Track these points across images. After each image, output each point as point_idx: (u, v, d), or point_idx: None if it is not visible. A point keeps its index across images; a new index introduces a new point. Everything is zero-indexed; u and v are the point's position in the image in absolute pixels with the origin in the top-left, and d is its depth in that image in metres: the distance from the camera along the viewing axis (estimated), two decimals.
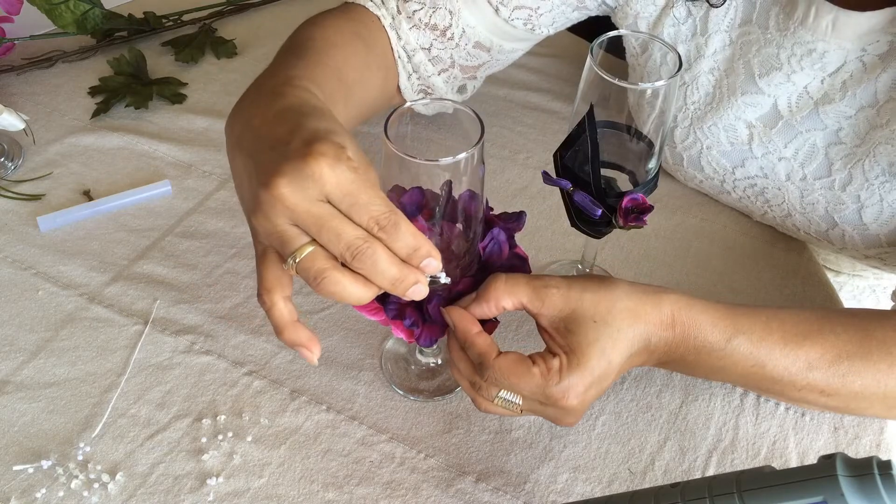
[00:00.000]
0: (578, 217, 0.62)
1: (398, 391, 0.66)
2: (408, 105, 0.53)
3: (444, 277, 0.52)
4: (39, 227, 0.77)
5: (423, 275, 0.49)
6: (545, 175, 0.62)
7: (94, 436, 0.62)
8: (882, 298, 0.94)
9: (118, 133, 0.87)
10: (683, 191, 0.84)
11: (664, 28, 0.75)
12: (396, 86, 0.76)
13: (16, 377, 0.66)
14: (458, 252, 0.55)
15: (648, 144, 0.59)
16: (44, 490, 0.59)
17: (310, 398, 0.65)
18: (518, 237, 0.58)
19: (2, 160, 0.83)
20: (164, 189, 0.81)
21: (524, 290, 0.54)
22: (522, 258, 0.58)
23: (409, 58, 0.74)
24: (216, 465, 0.61)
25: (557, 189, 0.62)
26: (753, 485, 0.46)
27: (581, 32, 0.86)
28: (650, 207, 0.59)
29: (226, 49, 0.99)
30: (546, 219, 0.81)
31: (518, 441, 0.63)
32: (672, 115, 0.64)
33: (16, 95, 0.91)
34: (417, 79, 0.76)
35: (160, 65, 0.97)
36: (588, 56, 0.57)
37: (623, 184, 0.61)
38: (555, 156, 0.62)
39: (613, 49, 0.61)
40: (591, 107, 0.57)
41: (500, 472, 0.62)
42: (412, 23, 0.73)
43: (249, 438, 0.63)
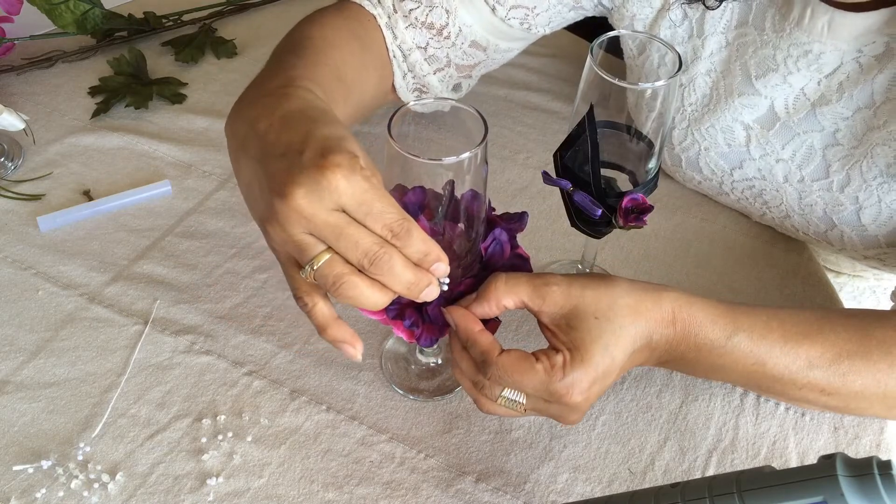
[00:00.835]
0: (578, 217, 0.62)
1: (398, 391, 0.66)
2: (410, 105, 0.53)
3: (444, 282, 0.52)
4: (39, 227, 0.77)
5: (435, 277, 0.50)
6: (545, 175, 0.62)
7: (94, 436, 0.62)
8: (882, 299, 0.94)
9: (118, 133, 0.87)
10: (683, 191, 0.84)
11: (660, 30, 0.75)
12: (391, 85, 0.76)
13: (16, 377, 0.66)
14: (461, 252, 0.55)
15: (648, 144, 0.59)
16: (44, 490, 0.59)
17: (310, 398, 0.65)
18: (518, 237, 0.58)
19: (2, 160, 0.83)
20: (164, 189, 0.81)
21: (525, 289, 0.54)
22: (524, 258, 0.58)
23: (405, 57, 0.74)
24: (216, 465, 0.61)
25: (557, 189, 0.62)
26: (753, 485, 0.46)
27: (581, 32, 0.87)
28: (650, 207, 0.59)
29: (226, 49, 0.99)
30: (546, 219, 0.81)
31: (518, 441, 0.63)
32: (671, 116, 0.64)
33: (16, 95, 0.91)
34: (413, 78, 0.76)
35: (160, 65, 0.97)
36: (588, 56, 0.57)
37: (623, 184, 0.61)
38: (555, 156, 0.62)
39: (613, 49, 0.61)
40: (591, 107, 0.57)
41: (500, 472, 0.62)
42: (408, 21, 0.73)
43: (249, 438, 0.63)
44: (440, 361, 0.68)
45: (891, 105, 0.66)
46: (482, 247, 0.56)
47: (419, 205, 0.53)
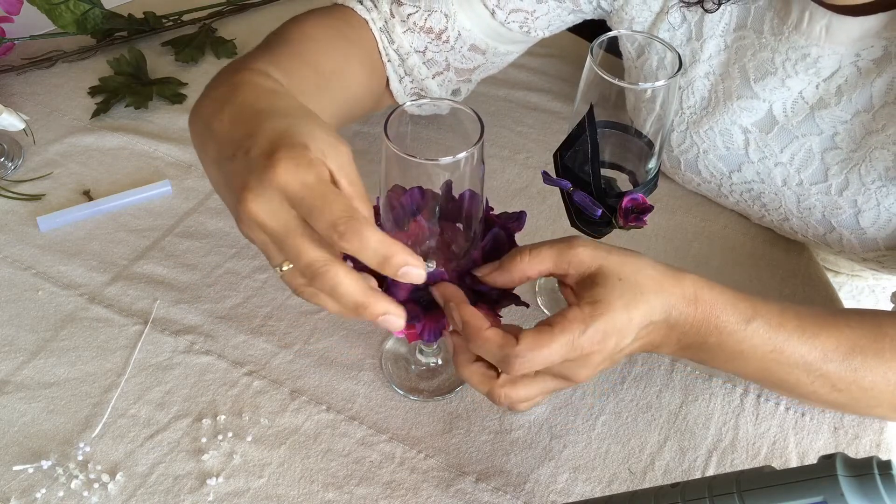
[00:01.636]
0: (578, 217, 0.62)
1: (398, 391, 0.66)
2: (407, 105, 0.53)
3: (430, 266, 0.51)
4: (39, 227, 0.77)
5: (393, 305, 0.46)
6: (545, 175, 0.62)
7: (94, 436, 0.62)
8: (881, 299, 0.94)
9: (118, 133, 0.87)
10: (683, 191, 0.84)
11: (659, 33, 0.75)
12: (384, 86, 0.75)
13: (16, 377, 0.66)
14: (458, 252, 0.55)
15: (648, 145, 0.59)
16: (44, 490, 0.59)
17: (310, 398, 0.65)
18: (518, 237, 0.58)
19: (2, 160, 0.83)
20: (164, 189, 0.81)
21: (549, 256, 0.53)
22: None
23: (403, 61, 0.74)
24: (216, 465, 0.61)
25: (557, 189, 0.62)
26: (753, 485, 0.46)
27: (581, 32, 0.86)
28: (650, 207, 0.59)
29: (226, 49, 0.99)
30: (546, 219, 0.81)
31: (518, 441, 0.63)
32: (671, 117, 0.64)
33: (16, 95, 0.91)
34: (410, 82, 0.76)
35: (160, 65, 0.97)
36: (588, 56, 0.57)
37: (623, 184, 0.61)
38: (555, 156, 0.62)
39: (613, 49, 0.61)
40: (591, 107, 0.57)
41: (500, 472, 0.62)
42: (406, 26, 0.73)
43: (249, 438, 0.63)
44: (440, 361, 0.68)
45: (889, 109, 0.66)
46: (480, 246, 0.56)
47: (417, 205, 0.53)
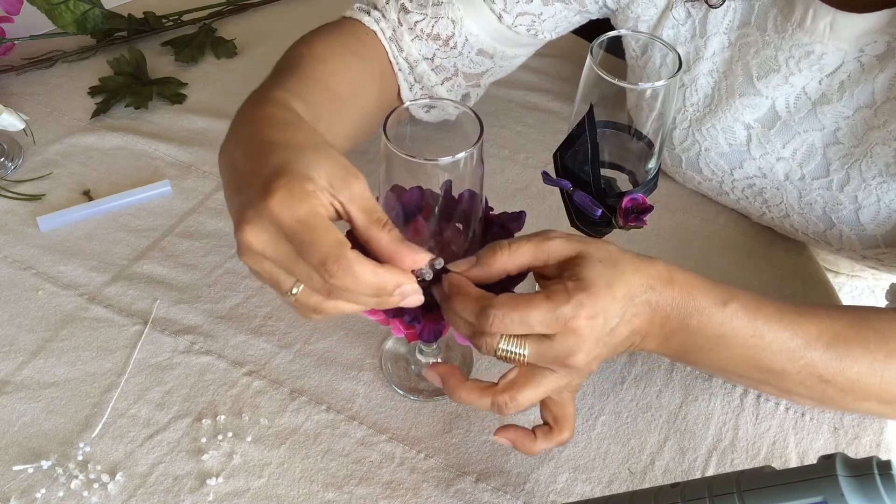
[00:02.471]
0: (578, 217, 0.62)
1: (398, 391, 0.66)
2: (406, 105, 0.53)
3: (429, 274, 0.52)
4: (39, 227, 0.77)
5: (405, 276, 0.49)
6: (545, 175, 0.62)
7: (94, 436, 0.62)
8: (881, 299, 0.94)
9: (118, 133, 0.87)
10: (683, 191, 0.84)
11: (664, 30, 0.75)
12: (395, 96, 0.76)
13: (16, 377, 0.66)
14: (458, 252, 0.55)
15: (648, 144, 0.59)
16: (44, 490, 0.59)
17: (310, 398, 0.65)
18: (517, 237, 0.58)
19: (2, 160, 0.83)
20: (164, 189, 0.81)
21: (527, 250, 0.53)
22: None
23: (412, 69, 0.74)
24: (216, 465, 0.61)
25: (557, 189, 0.62)
26: (753, 485, 0.46)
27: (581, 32, 0.86)
28: (650, 207, 0.59)
29: (226, 49, 0.99)
30: (546, 219, 0.81)
31: None
32: (672, 116, 0.64)
33: (16, 95, 0.91)
34: (420, 89, 0.76)
35: (160, 65, 0.97)
36: (588, 56, 0.57)
37: (623, 184, 0.61)
38: (555, 156, 0.62)
39: (613, 49, 0.61)
40: (591, 107, 0.57)
41: (500, 472, 0.62)
42: (414, 34, 0.73)
43: (249, 438, 0.63)
44: (440, 361, 0.68)
45: (891, 104, 0.66)
46: (480, 247, 0.56)
47: (416, 205, 0.53)
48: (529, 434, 0.56)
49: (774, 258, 0.79)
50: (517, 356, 0.51)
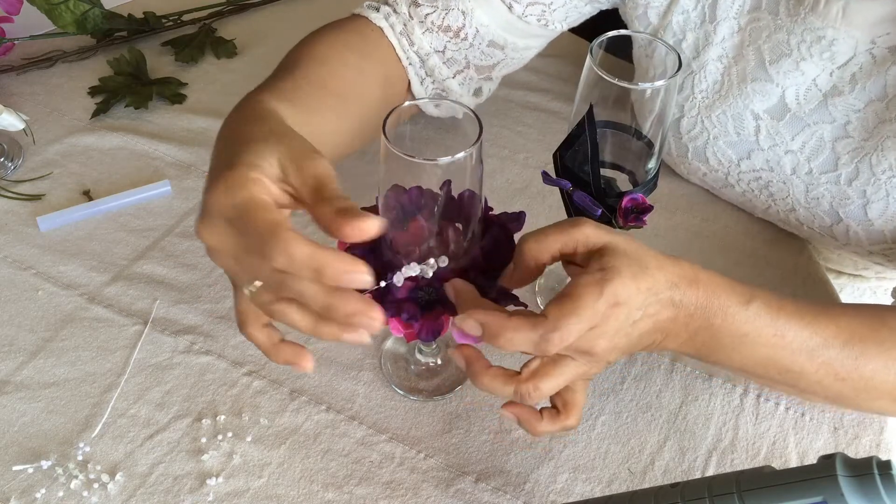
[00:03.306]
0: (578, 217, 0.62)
1: (398, 391, 0.66)
2: (406, 104, 0.53)
3: (431, 267, 0.51)
4: (39, 227, 0.77)
5: (355, 263, 0.44)
6: (545, 175, 0.62)
7: (94, 436, 0.62)
8: (883, 300, 0.94)
9: (118, 133, 0.87)
10: (684, 190, 0.84)
11: (673, 17, 0.75)
12: (402, 92, 0.75)
13: (16, 377, 0.66)
14: (457, 252, 0.55)
15: (648, 144, 0.59)
16: (43, 490, 0.59)
17: (309, 398, 0.65)
18: (518, 238, 0.58)
19: (2, 160, 0.83)
20: (164, 189, 0.81)
21: (556, 239, 0.52)
22: None
23: (423, 62, 0.74)
24: (216, 465, 0.61)
25: (557, 189, 0.62)
26: (753, 485, 0.46)
27: (581, 32, 0.86)
28: (650, 207, 0.59)
29: (226, 49, 0.99)
30: (546, 219, 0.80)
31: (518, 441, 0.63)
32: (671, 116, 0.64)
33: (16, 95, 0.91)
34: (432, 83, 0.76)
35: (160, 65, 0.97)
36: (588, 56, 0.57)
37: (623, 184, 0.61)
38: (555, 156, 0.62)
39: (613, 49, 0.61)
40: (591, 107, 0.57)
41: (500, 472, 0.62)
42: (424, 27, 0.73)
43: (249, 438, 0.63)
44: (439, 361, 0.68)
45: None
46: (479, 247, 0.56)
47: (416, 205, 0.53)
48: (536, 414, 0.56)
49: (775, 258, 0.79)
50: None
